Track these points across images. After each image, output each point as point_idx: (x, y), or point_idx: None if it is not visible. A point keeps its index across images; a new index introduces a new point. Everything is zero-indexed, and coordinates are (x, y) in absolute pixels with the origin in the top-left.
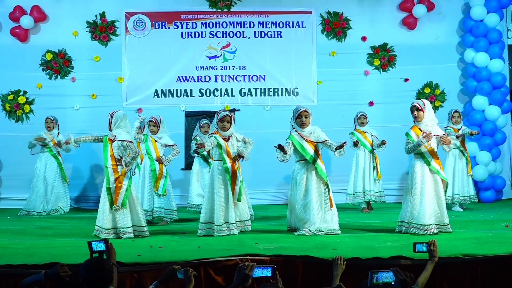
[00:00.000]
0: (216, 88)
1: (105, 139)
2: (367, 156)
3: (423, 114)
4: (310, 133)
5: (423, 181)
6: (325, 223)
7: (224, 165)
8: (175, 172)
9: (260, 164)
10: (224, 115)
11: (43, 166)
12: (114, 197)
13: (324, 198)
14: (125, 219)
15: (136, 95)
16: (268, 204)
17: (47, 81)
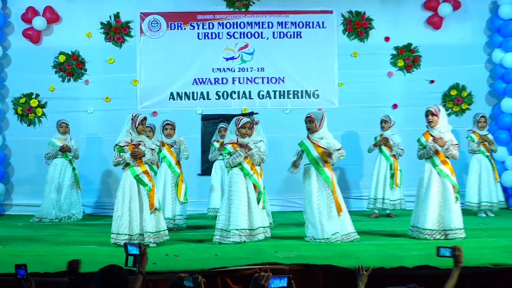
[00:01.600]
0: (233, 90)
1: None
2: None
3: (437, 120)
4: (320, 138)
5: (428, 185)
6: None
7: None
8: (191, 177)
9: (279, 169)
10: (246, 122)
11: (57, 172)
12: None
13: (328, 203)
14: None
15: (151, 98)
16: (287, 211)
17: (60, 83)
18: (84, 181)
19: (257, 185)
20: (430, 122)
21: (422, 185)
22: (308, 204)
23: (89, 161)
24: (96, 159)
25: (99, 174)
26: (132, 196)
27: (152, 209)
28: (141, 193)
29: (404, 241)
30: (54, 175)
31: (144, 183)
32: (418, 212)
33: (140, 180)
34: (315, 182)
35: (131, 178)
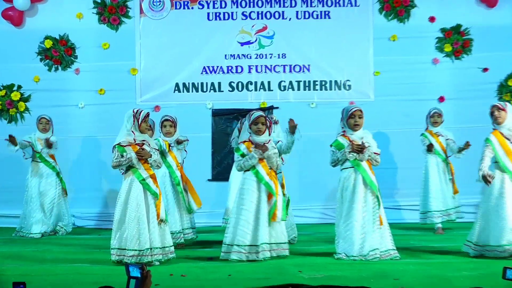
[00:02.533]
0: (249, 81)
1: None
2: (440, 165)
3: (505, 115)
4: (360, 137)
5: (502, 195)
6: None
7: (254, 172)
8: (200, 184)
9: (304, 174)
10: (257, 116)
11: (37, 178)
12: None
13: (373, 213)
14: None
15: (153, 90)
16: (314, 224)
17: (45, 73)
18: (74, 188)
19: (273, 193)
20: (497, 118)
21: (491, 194)
22: (346, 215)
23: (80, 164)
24: (88, 162)
25: (92, 180)
26: (139, 203)
27: (158, 220)
28: (148, 201)
29: (453, 260)
30: (34, 181)
31: (152, 189)
32: (483, 225)
33: (147, 186)
34: (360, 188)
35: (136, 183)
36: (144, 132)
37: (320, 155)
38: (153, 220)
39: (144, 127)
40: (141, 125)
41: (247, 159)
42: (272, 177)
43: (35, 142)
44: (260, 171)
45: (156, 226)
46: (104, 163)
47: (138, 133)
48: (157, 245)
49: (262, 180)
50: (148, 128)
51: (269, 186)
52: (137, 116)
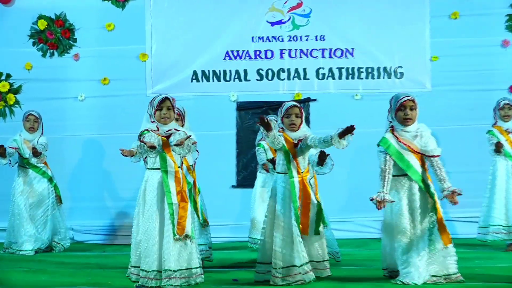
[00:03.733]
0: (281, 68)
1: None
2: (510, 168)
3: None
4: (414, 135)
5: None
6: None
7: (290, 179)
8: (222, 191)
9: (345, 180)
10: (290, 107)
11: (25, 186)
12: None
13: (429, 227)
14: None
15: (166, 79)
16: (359, 238)
17: (39, 59)
18: (73, 197)
19: (294, 199)
20: None
21: None
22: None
23: (79, 168)
24: (89, 166)
25: (94, 187)
26: (150, 210)
27: (182, 235)
28: (164, 208)
29: None
30: (23, 188)
31: (168, 187)
32: None
33: (165, 183)
34: (416, 198)
35: (152, 182)
36: (164, 123)
37: (365, 156)
38: (169, 234)
39: (161, 117)
40: (156, 114)
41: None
42: (303, 180)
43: (21, 145)
44: (294, 173)
45: (172, 242)
46: (108, 166)
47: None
48: (172, 266)
49: (293, 186)
50: (166, 117)
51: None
52: (152, 104)
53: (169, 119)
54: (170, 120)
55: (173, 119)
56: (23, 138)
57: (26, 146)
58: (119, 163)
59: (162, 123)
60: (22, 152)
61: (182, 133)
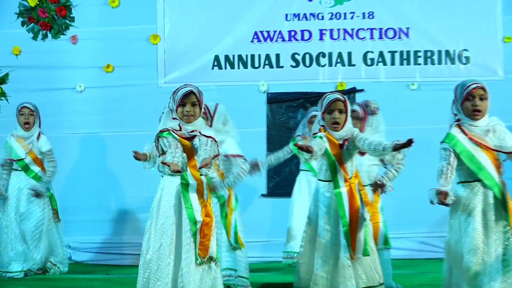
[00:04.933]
0: (321, 52)
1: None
2: None
3: None
4: (486, 130)
5: None
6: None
7: (336, 190)
8: (250, 200)
9: (399, 188)
10: (332, 101)
11: (17, 195)
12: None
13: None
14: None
15: (182, 65)
16: (416, 258)
17: (29, 43)
18: (70, 208)
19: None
20: None
21: None
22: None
23: (78, 174)
24: (89, 170)
25: (95, 196)
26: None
27: (205, 257)
28: (181, 219)
29: None
30: (13, 198)
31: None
32: None
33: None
34: (491, 208)
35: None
36: (187, 122)
37: (423, 159)
38: (189, 255)
39: (183, 114)
40: (178, 110)
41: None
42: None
43: (13, 144)
44: (341, 185)
45: (193, 265)
46: (112, 170)
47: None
48: None
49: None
50: (190, 115)
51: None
52: (174, 97)
53: (194, 117)
54: (194, 118)
55: (198, 116)
56: (17, 136)
57: (21, 144)
58: (126, 166)
59: (185, 122)
60: (15, 155)
61: (208, 148)
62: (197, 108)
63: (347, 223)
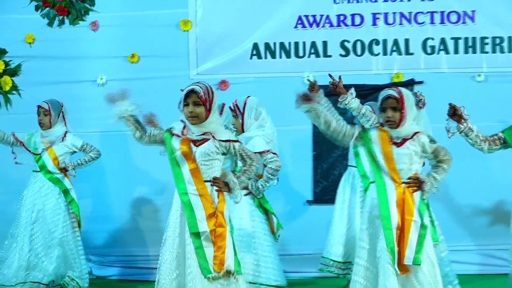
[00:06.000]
0: (374, 39)
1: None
2: None
3: None
4: None
5: None
6: None
7: (380, 188)
8: (295, 207)
9: (460, 194)
10: (384, 98)
11: (33, 199)
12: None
13: None
14: None
15: (216, 55)
16: (482, 274)
17: (44, 30)
18: (92, 217)
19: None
20: None
21: None
22: None
23: (98, 177)
24: (110, 174)
25: (118, 203)
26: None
27: (221, 271)
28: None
29: None
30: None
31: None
32: None
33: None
34: None
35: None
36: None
37: (490, 160)
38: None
39: (187, 116)
40: (184, 110)
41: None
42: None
43: (36, 138)
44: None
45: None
46: (138, 173)
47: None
48: None
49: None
50: (193, 116)
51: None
52: (181, 99)
53: (197, 118)
54: (199, 120)
55: (204, 117)
56: (40, 133)
57: (41, 139)
58: (154, 168)
59: (190, 123)
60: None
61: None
62: (201, 108)
63: (390, 226)
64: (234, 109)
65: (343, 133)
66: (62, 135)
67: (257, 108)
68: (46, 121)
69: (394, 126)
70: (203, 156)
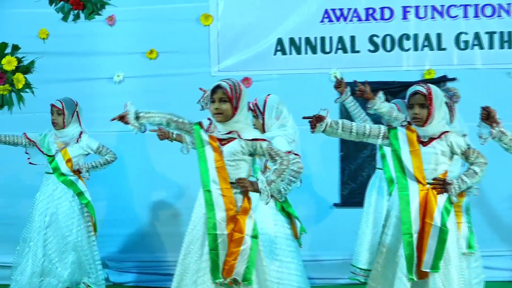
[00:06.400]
0: (405, 33)
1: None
2: None
3: None
4: None
5: None
6: None
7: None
8: (320, 212)
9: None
10: (411, 94)
11: (47, 202)
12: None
13: None
14: None
15: (238, 50)
16: (506, 281)
17: (59, 24)
18: (108, 220)
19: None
20: None
21: None
22: None
23: (116, 179)
24: (129, 176)
25: (138, 206)
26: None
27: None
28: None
29: None
30: (43, 207)
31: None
32: None
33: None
34: None
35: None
36: (218, 121)
37: None
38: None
39: (213, 112)
40: (210, 107)
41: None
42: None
43: (49, 138)
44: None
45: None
46: (156, 175)
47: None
48: None
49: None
50: (219, 113)
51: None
52: (205, 96)
53: (222, 115)
54: (225, 118)
55: (230, 115)
56: (54, 133)
57: (55, 140)
58: (172, 171)
59: (216, 120)
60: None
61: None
62: (227, 105)
63: (410, 230)
64: (253, 109)
65: (367, 134)
66: (77, 136)
67: (278, 107)
68: (59, 120)
69: (421, 123)
70: (229, 155)
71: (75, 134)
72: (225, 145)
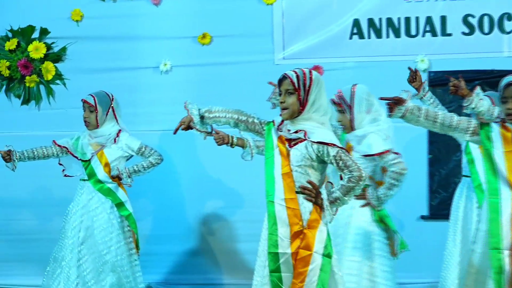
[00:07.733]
0: (506, 12)
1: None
2: None
3: None
4: None
5: None
6: None
7: (493, 200)
8: (406, 224)
9: None
10: (506, 86)
11: (82, 215)
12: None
13: None
14: None
15: (307, 35)
16: None
17: (94, 4)
18: (152, 236)
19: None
20: None
21: None
22: None
23: (162, 187)
24: (177, 182)
25: (186, 219)
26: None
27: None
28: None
29: None
30: (76, 219)
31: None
32: None
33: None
34: None
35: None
36: (284, 118)
37: None
38: None
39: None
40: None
41: None
42: None
43: (82, 140)
44: (502, 194)
45: None
46: (209, 181)
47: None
48: None
49: (494, 211)
50: (285, 108)
51: None
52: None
53: (287, 110)
54: (291, 113)
55: (297, 112)
56: (88, 133)
57: (89, 142)
58: (229, 178)
59: (282, 117)
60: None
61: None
62: (293, 98)
63: (499, 245)
64: (339, 102)
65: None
66: (114, 135)
67: (368, 99)
68: (91, 119)
69: None
70: (296, 160)
71: (112, 134)
72: (293, 147)
